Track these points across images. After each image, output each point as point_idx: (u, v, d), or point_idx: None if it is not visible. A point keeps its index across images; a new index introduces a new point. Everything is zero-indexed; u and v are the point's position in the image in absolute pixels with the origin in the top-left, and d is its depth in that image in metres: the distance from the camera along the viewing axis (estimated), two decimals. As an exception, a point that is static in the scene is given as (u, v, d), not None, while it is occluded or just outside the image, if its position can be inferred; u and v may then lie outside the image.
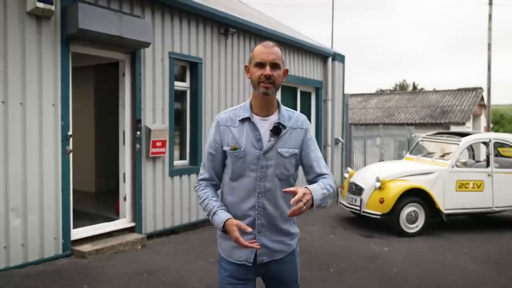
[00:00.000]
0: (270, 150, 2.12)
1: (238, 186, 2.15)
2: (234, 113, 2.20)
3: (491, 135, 7.92)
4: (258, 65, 2.10)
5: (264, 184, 2.13)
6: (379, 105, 23.69)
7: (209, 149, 2.22)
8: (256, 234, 2.15)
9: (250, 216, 2.14)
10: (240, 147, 2.12)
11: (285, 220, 2.21)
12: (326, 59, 10.54)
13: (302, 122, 2.24)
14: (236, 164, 2.13)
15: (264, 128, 2.14)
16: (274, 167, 2.13)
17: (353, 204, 7.47)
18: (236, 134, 2.14)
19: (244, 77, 7.96)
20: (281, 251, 2.23)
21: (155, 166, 6.28)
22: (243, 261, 2.17)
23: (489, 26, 19.08)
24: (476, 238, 7.11)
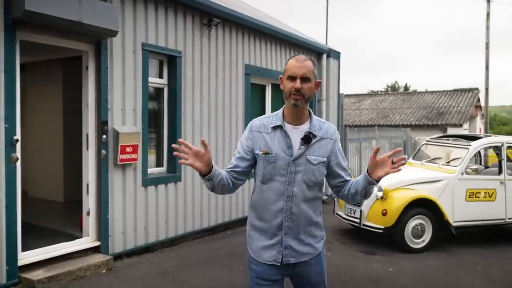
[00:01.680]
0: (299, 157, 2.25)
1: (268, 189, 2.28)
2: (267, 120, 2.34)
3: (504, 138, 7.17)
4: (290, 78, 2.23)
5: (292, 188, 2.25)
6: (373, 106, 23.00)
7: (239, 149, 2.36)
8: (283, 236, 2.29)
9: (278, 218, 2.28)
10: (272, 152, 2.26)
11: (311, 224, 2.34)
12: (321, 56, 9.75)
13: (332, 133, 2.36)
14: (267, 168, 2.27)
15: (295, 136, 2.27)
16: (303, 173, 2.25)
17: (351, 216, 6.66)
18: (268, 140, 2.28)
19: (230, 73, 7.13)
20: (308, 253, 2.34)
21: (125, 175, 5.43)
22: (271, 262, 2.30)
23: (487, 24, 18.47)
24: (489, 254, 6.34)
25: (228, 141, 7.11)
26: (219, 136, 6.90)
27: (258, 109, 8.12)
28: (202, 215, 6.65)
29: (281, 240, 2.28)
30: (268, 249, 2.30)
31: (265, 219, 2.30)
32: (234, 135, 7.24)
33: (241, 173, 2.35)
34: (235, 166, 2.34)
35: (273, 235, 2.29)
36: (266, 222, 2.31)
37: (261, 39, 7.87)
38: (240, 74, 7.38)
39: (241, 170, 2.34)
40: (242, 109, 7.42)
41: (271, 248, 2.30)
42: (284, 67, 2.31)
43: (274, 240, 2.29)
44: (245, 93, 7.48)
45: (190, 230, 6.44)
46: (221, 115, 6.96)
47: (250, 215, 2.42)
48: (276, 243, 2.29)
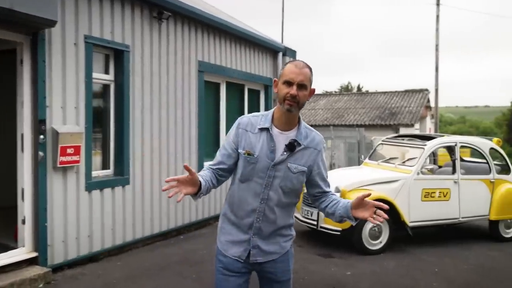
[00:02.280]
0: (280, 163, 2.24)
1: (245, 188, 2.28)
2: (255, 119, 2.30)
3: (457, 138, 7.24)
4: (287, 83, 2.19)
5: (268, 192, 2.25)
6: (327, 106, 23.19)
7: (226, 145, 2.34)
8: (251, 236, 2.30)
9: (250, 218, 2.28)
10: (254, 153, 2.24)
11: (282, 227, 2.35)
12: (276, 54, 9.56)
13: (318, 143, 2.34)
14: (246, 169, 2.26)
15: (280, 141, 2.24)
16: (280, 179, 2.25)
17: (308, 218, 6.49)
18: (252, 140, 2.26)
19: (182, 70, 6.78)
20: (275, 253, 2.35)
21: (66, 178, 4.97)
22: (236, 258, 2.32)
23: (436, 27, 19.02)
24: (445, 253, 6.35)
25: (180, 140, 6.75)
26: (170, 135, 6.54)
27: (212, 107, 7.81)
28: (153, 220, 6.27)
29: (249, 239, 2.30)
30: (235, 245, 2.33)
31: (238, 216, 2.32)
32: (187, 134, 6.90)
33: (227, 170, 2.34)
34: (220, 163, 2.32)
35: (243, 232, 2.31)
36: (238, 218, 2.32)
37: (216, 35, 7.57)
38: (193, 71, 7.04)
39: (227, 168, 2.33)
40: (196, 108, 7.08)
41: (239, 245, 2.32)
42: (281, 71, 2.27)
43: (243, 237, 2.31)
44: (198, 91, 7.14)
45: (139, 236, 6.04)
46: (173, 113, 6.60)
47: (225, 207, 2.41)
48: (245, 240, 2.31)
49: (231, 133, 2.35)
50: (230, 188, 2.39)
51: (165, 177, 6.43)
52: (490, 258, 6.28)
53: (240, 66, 8.30)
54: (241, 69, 8.32)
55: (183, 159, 6.76)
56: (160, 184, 6.33)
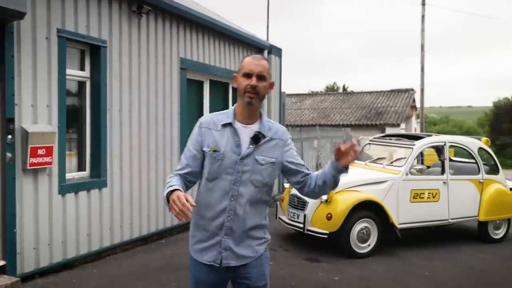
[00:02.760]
0: (247, 157, 2.22)
1: (214, 187, 2.23)
2: (218, 117, 2.30)
3: (446, 137, 7.09)
4: (246, 75, 2.20)
5: (238, 188, 2.21)
6: (314, 106, 23.05)
7: (190, 147, 2.30)
8: (223, 237, 2.23)
9: (220, 218, 2.22)
10: (220, 150, 2.21)
11: (255, 227, 2.28)
12: (262, 52, 9.33)
13: (282, 133, 2.34)
14: (213, 166, 2.22)
15: (245, 135, 2.24)
16: (250, 173, 2.22)
17: (295, 221, 6.27)
18: (217, 137, 2.24)
19: (164, 67, 6.51)
20: (248, 257, 2.27)
21: (37, 181, 4.66)
22: (211, 262, 2.24)
23: (422, 27, 19.01)
24: (435, 256, 6.19)
25: (161, 141, 6.48)
26: (151, 136, 6.26)
27: (195, 106, 7.55)
28: (132, 224, 5.98)
29: (220, 240, 2.23)
30: (208, 250, 2.26)
31: (207, 218, 2.24)
32: (169, 135, 6.62)
33: (194, 173, 2.28)
34: (187, 166, 2.27)
35: (214, 234, 2.23)
36: (207, 220, 2.25)
37: (199, 31, 7.31)
38: (175, 68, 6.76)
39: (193, 170, 2.27)
40: (178, 107, 6.81)
41: (211, 249, 2.25)
42: (240, 65, 2.27)
43: (213, 240, 2.23)
44: (180, 89, 6.87)
45: (118, 241, 5.75)
46: (154, 113, 6.31)
47: (194, 213, 2.29)
48: (216, 243, 2.23)
49: (193, 134, 2.32)
50: (198, 192, 2.33)
51: (145, 179, 6.17)
52: (480, 260, 6.14)
53: (224, 63, 8.05)
54: (226, 67, 8.07)
55: (164, 160, 6.49)
56: (140, 186, 6.06)
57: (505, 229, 7.20)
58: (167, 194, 2.04)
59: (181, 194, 1.98)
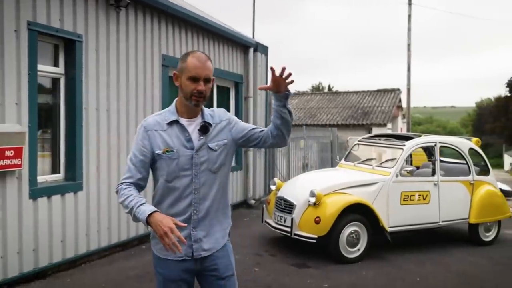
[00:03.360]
0: (201, 148, 2.23)
1: (175, 186, 2.22)
2: (161, 117, 2.26)
3: (436, 138, 6.91)
4: (192, 79, 2.16)
5: (199, 180, 2.22)
6: (300, 106, 22.86)
7: (136, 152, 2.23)
8: (191, 229, 2.24)
9: (186, 213, 2.23)
10: (173, 149, 2.19)
11: (219, 213, 2.31)
12: (247, 50, 9.08)
13: (222, 115, 2.35)
14: (171, 166, 2.20)
15: (192, 129, 2.23)
16: (207, 163, 2.23)
17: (282, 225, 6.02)
18: (166, 137, 2.21)
19: (144, 64, 6.21)
20: (217, 243, 2.30)
21: (5, 185, 4.33)
22: (183, 257, 2.22)
23: (408, 26, 18.95)
24: (424, 260, 6.00)
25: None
26: (131, 136, 5.93)
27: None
28: (111, 229, 5.67)
29: (189, 233, 2.23)
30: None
31: (172, 215, 2.15)
32: (150, 135, 6.31)
33: (144, 179, 2.25)
34: (136, 173, 2.21)
35: (181, 229, 2.11)
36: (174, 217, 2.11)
37: (181, 27, 7.01)
38: (157, 65, 6.46)
39: (143, 176, 2.24)
40: (159, 106, 6.51)
41: (181, 244, 2.09)
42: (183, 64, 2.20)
43: (182, 234, 2.09)
44: (162, 87, 6.58)
45: (95, 247, 5.43)
46: (134, 112, 6.01)
47: None
48: (185, 237, 2.12)
49: (138, 139, 2.25)
50: (156, 194, 2.29)
51: (124, 181, 5.86)
52: (472, 264, 5.97)
53: (208, 61, 7.75)
54: (210, 65, 7.77)
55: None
56: (118, 189, 5.74)
57: (495, 231, 7.05)
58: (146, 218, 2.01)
59: (172, 224, 1.96)
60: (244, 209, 8.89)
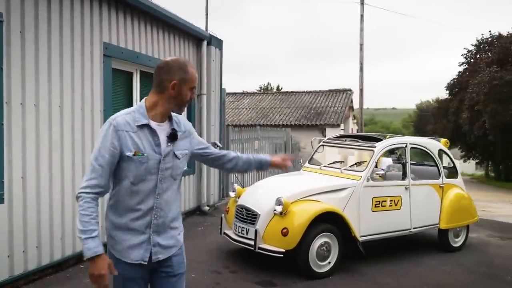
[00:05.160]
0: (167, 155, 2.27)
1: (139, 189, 2.21)
2: (130, 117, 2.23)
3: (407, 139, 6.48)
4: (192, 89, 2.30)
5: (162, 185, 2.26)
6: (252, 106, 22.29)
7: (103, 153, 2.17)
8: (151, 234, 2.26)
9: (147, 216, 2.24)
10: (143, 152, 2.19)
11: (174, 218, 2.37)
12: (200, 43, 8.31)
13: (186, 124, 2.43)
14: (139, 169, 2.20)
15: (161, 134, 2.26)
16: (171, 169, 2.29)
17: (244, 237, 5.33)
18: (136, 140, 2.19)
19: (82, 52, 5.29)
20: (174, 246, 2.36)
21: None
22: (139, 261, 2.24)
23: (361, 26, 18.87)
24: (398, 272, 5.54)
25: (79, 144, 5.26)
26: (66, 138, 5.03)
27: (122, 102, 6.38)
28: (41, 248, 4.73)
29: (148, 238, 2.25)
30: (135, 248, 2.24)
31: (133, 219, 2.22)
32: (89, 137, 5.41)
33: (108, 183, 2.21)
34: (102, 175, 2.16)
35: (140, 233, 2.23)
36: (133, 221, 2.23)
37: (127, 13, 6.15)
38: (97, 55, 5.57)
39: (107, 179, 2.19)
40: (101, 103, 5.62)
41: (139, 247, 2.24)
42: (185, 75, 2.26)
43: (141, 238, 2.23)
44: (104, 80, 5.69)
45: (20, 272, 4.48)
46: (69, 109, 5.09)
47: (112, 214, 2.28)
48: (144, 241, 2.24)
49: (107, 138, 2.17)
50: (116, 195, 2.26)
51: (59, 191, 4.96)
52: (445, 273, 5.58)
53: (158, 53, 6.94)
54: (160, 57, 6.96)
55: (83, 168, 5.27)
56: (51, 200, 4.83)
57: (464, 236, 6.75)
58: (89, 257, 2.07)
59: (104, 272, 2.06)
60: (198, 217, 8.10)
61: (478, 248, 6.92)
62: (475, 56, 32.69)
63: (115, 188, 2.25)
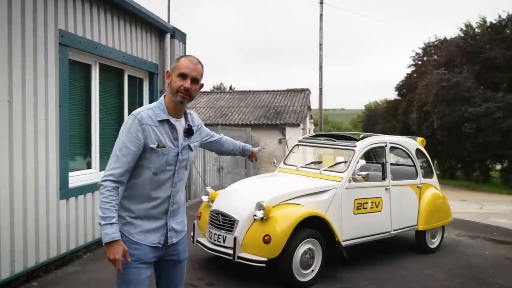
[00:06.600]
0: (184, 148, 2.48)
1: (159, 179, 2.40)
2: (151, 112, 2.38)
3: (387, 138, 6.24)
4: (181, 76, 2.37)
5: (179, 175, 2.47)
6: (209, 105, 21.72)
7: (128, 144, 2.31)
8: (167, 220, 2.47)
9: (165, 204, 2.45)
10: (165, 145, 2.38)
11: (182, 204, 2.60)
12: (164, 36, 7.75)
13: (197, 119, 2.69)
14: (161, 161, 2.38)
15: (179, 129, 2.46)
16: (186, 161, 2.51)
17: (221, 245, 4.87)
18: (158, 133, 2.37)
19: (34, 41, 4.63)
20: (183, 231, 2.59)
21: None
22: (156, 244, 2.43)
23: (320, 25, 18.80)
24: (383, 277, 5.28)
25: (32, 145, 4.59)
26: (16, 138, 4.36)
27: (80, 98, 5.73)
28: (-14, 266, 4.05)
29: (165, 223, 2.45)
30: (153, 232, 2.42)
31: (151, 207, 2.41)
32: (43, 137, 4.75)
33: (128, 173, 2.35)
34: (125, 165, 2.31)
35: (157, 219, 2.43)
36: (151, 209, 2.41)
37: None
38: (52, 43, 4.91)
39: (129, 169, 2.34)
40: (56, 98, 4.96)
41: (156, 231, 2.43)
42: (176, 63, 2.42)
43: (158, 223, 2.43)
44: (60, 73, 5.03)
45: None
46: (20, 105, 4.42)
47: (130, 203, 2.42)
48: (161, 226, 2.44)
49: (132, 130, 2.32)
50: (134, 185, 2.40)
51: (6, 200, 4.29)
52: (429, 278, 5.38)
53: (119, 44, 6.32)
54: (120, 49, 6.35)
55: (36, 173, 4.62)
56: (-2, 210, 4.15)
57: (440, 237, 6.64)
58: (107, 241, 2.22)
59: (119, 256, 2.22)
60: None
61: (453, 248, 6.82)
62: (422, 58, 33.84)
63: (134, 179, 2.38)
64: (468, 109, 22.40)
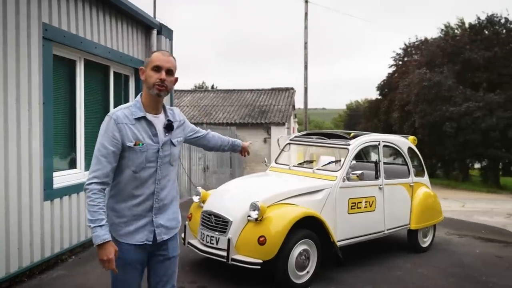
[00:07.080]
0: (165, 144, 2.47)
1: (140, 176, 2.40)
2: (128, 111, 2.40)
3: (380, 136, 6.17)
4: (155, 68, 2.39)
5: (161, 172, 2.45)
6: (193, 103, 21.47)
7: (106, 144, 2.34)
8: (153, 217, 2.45)
9: (149, 201, 2.43)
10: (142, 142, 2.37)
11: (173, 200, 2.57)
12: (150, 32, 7.54)
13: (179, 114, 2.66)
14: (140, 158, 2.38)
15: (158, 124, 2.45)
16: (169, 156, 2.49)
17: (213, 247, 4.71)
18: (135, 131, 2.37)
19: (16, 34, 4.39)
20: (175, 227, 2.58)
21: None
22: (143, 241, 2.41)
23: (305, 24, 18.76)
24: (378, 277, 5.21)
25: (14, 146, 4.36)
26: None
27: (64, 95, 5.50)
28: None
29: (151, 220, 2.43)
30: (139, 231, 2.41)
31: (132, 204, 2.41)
32: (26, 136, 4.52)
33: (112, 173, 2.37)
34: (107, 166, 2.33)
35: (141, 216, 2.42)
36: (135, 206, 2.41)
37: (69, -9, 5.28)
38: (35, 37, 4.67)
39: (112, 169, 2.35)
40: (39, 94, 4.73)
41: (142, 229, 2.42)
42: (148, 59, 2.45)
43: (143, 221, 2.42)
44: (43, 69, 4.80)
45: None
46: (1, 103, 4.19)
47: (115, 202, 2.43)
48: (147, 223, 2.42)
49: (108, 131, 2.35)
50: (118, 184, 2.42)
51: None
52: (424, 277, 5.33)
53: (104, 40, 6.09)
54: (106, 45, 6.13)
55: (19, 175, 4.39)
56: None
57: (431, 236, 6.61)
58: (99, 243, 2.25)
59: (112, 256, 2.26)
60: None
61: (444, 247, 6.81)
62: (403, 59, 34.19)
63: (117, 178, 2.40)
64: (449, 109, 22.69)
